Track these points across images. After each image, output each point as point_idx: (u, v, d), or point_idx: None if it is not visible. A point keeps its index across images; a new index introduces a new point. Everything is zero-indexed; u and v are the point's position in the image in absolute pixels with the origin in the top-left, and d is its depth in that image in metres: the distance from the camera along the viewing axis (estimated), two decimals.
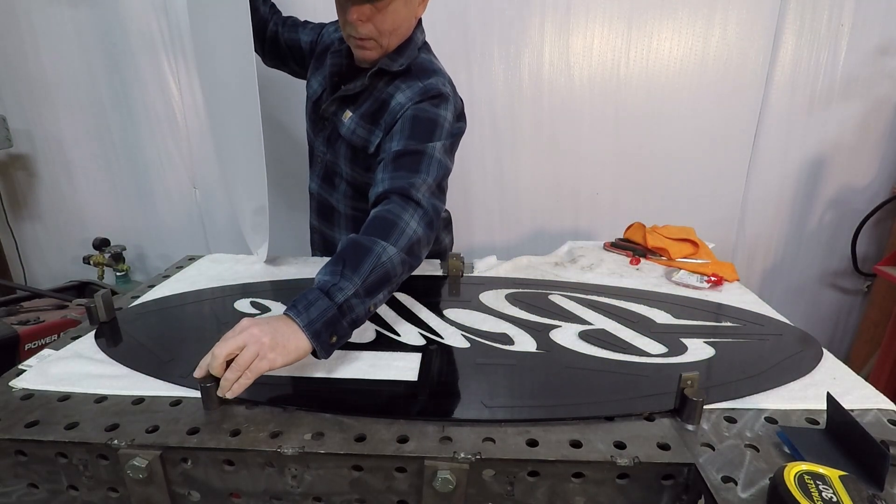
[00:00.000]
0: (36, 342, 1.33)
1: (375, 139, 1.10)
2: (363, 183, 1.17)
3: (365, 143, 1.11)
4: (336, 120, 1.16)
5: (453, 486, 0.61)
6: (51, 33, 1.83)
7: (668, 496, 0.64)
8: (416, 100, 1.05)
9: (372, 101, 1.11)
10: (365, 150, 1.12)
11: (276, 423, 0.68)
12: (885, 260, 1.85)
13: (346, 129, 1.13)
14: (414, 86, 1.08)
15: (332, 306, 0.77)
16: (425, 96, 1.06)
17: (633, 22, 1.77)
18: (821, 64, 1.81)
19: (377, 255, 0.83)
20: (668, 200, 1.98)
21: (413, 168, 0.97)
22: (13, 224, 2.10)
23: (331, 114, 1.18)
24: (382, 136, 1.08)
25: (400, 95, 1.07)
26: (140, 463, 0.63)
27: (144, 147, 1.97)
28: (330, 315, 0.77)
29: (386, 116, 1.08)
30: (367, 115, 1.11)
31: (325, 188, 1.28)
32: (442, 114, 1.05)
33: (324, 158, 1.24)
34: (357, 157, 1.16)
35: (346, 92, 1.13)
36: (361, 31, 1.02)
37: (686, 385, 0.69)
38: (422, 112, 1.04)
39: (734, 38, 1.78)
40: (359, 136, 1.12)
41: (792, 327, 0.98)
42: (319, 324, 0.76)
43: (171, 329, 0.99)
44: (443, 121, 1.05)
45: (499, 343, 0.91)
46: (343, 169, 1.19)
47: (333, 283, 0.79)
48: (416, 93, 1.06)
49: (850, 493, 0.50)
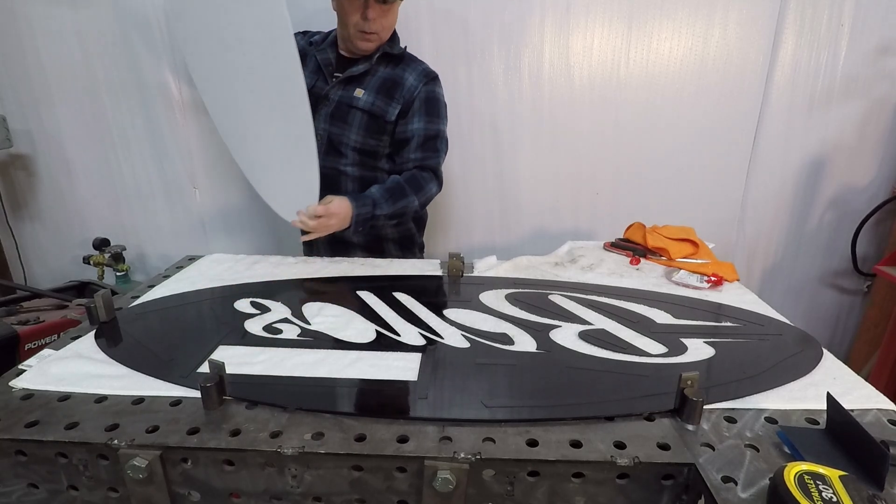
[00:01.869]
0: (36, 342, 1.33)
1: (393, 110, 1.40)
2: (373, 147, 1.44)
3: (383, 112, 1.40)
4: (345, 97, 1.41)
5: (453, 486, 0.61)
6: (51, 33, 1.83)
7: (668, 496, 0.64)
8: (424, 81, 1.41)
9: (378, 79, 1.41)
10: (383, 118, 1.40)
11: (276, 423, 0.68)
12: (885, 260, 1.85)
13: (365, 102, 1.40)
14: (416, 68, 1.43)
15: (370, 214, 1.29)
16: (428, 77, 1.42)
17: (633, 22, 1.77)
18: (821, 64, 1.81)
19: (409, 201, 1.35)
20: (668, 200, 1.97)
21: (435, 149, 1.42)
22: (13, 224, 2.10)
23: (336, 93, 1.42)
24: (399, 109, 1.40)
25: (409, 77, 1.41)
26: (140, 463, 0.63)
27: (144, 147, 1.97)
28: (366, 217, 1.29)
29: (403, 93, 1.40)
30: (381, 90, 1.41)
31: (329, 160, 1.44)
32: (440, 92, 1.46)
33: (325, 135, 1.43)
34: (373, 125, 1.42)
35: (351, 73, 1.40)
36: (373, 26, 1.32)
37: (686, 385, 0.69)
38: (430, 94, 1.42)
39: (734, 38, 1.78)
40: (378, 106, 1.40)
41: (792, 327, 0.98)
42: (360, 218, 1.28)
43: (171, 329, 0.99)
44: (442, 98, 1.46)
45: (499, 343, 0.91)
46: (352, 138, 1.43)
47: (379, 203, 1.30)
48: (421, 74, 1.42)
49: (850, 493, 0.50)
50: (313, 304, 1.07)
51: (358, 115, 1.41)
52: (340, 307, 1.05)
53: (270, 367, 0.82)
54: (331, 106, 1.42)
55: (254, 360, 0.84)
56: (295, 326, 0.97)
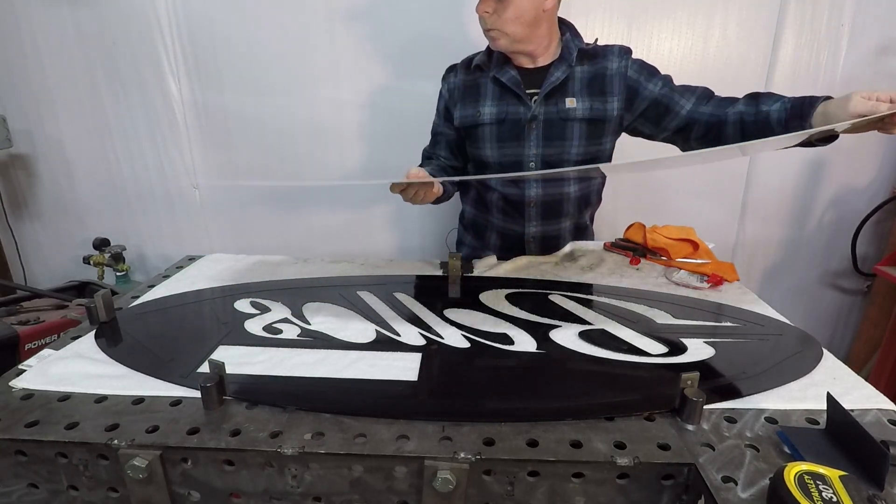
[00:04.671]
0: (36, 342, 1.33)
1: (612, 108, 1.27)
2: (592, 155, 1.32)
3: (603, 113, 1.27)
4: (555, 112, 1.27)
5: (453, 486, 0.61)
6: (51, 34, 1.83)
7: (668, 496, 0.64)
8: (624, 58, 1.27)
9: (583, 80, 1.27)
10: (603, 120, 1.28)
11: (276, 423, 0.68)
12: (885, 260, 1.85)
13: (582, 110, 1.26)
14: (612, 51, 1.28)
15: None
16: (621, 52, 1.28)
17: (633, 22, 1.77)
18: (821, 64, 1.81)
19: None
20: (669, 200, 1.97)
21: (684, 87, 1.26)
22: (13, 224, 2.10)
23: (540, 111, 1.28)
24: (618, 98, 1.27)
25: (609, 63, 1.27)
26: (140, 463, 0.63)
27: (144, 147, 1.97)
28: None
29: (615, 83, 1.26)
30: (592, 92, 1.27)
31: (550, 186, 1.35)
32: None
33: (539, 160, 1.32)
34: (593, 131, 1.29)
35: (553, 84, 1.26)
36: (489, 21, 1.19)
37: (686, 385, 0.69)
38: (634, 62, 1.28)
39: (734, 38, 1.78)
40: (597, 109, 1.27)
41: (792, 327, 0.98)
42: None
43: (171, 329, 0.99)
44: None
45: (499, 343, 0.91)
46: (573, 152, 1.30)
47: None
48: (618, 54, 1.27)
49: (850, 493, 0.50)
50: (313, 304, 1.07)
51: (576, 126, 1.28)
52: (340, 307, 1.05)
53: (270, 367, 0.82)
54: (539, 127, 1.28)
55: (254, 360, 0.84)
56: (295, 326, 0.97)
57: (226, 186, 2.05)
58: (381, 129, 1.95)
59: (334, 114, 1.93)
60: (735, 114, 1.16)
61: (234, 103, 1.92)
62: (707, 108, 1.21)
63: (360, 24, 1.82)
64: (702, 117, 1.22)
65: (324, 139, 1.97)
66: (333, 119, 1.94)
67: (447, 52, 1.44)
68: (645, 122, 1.31)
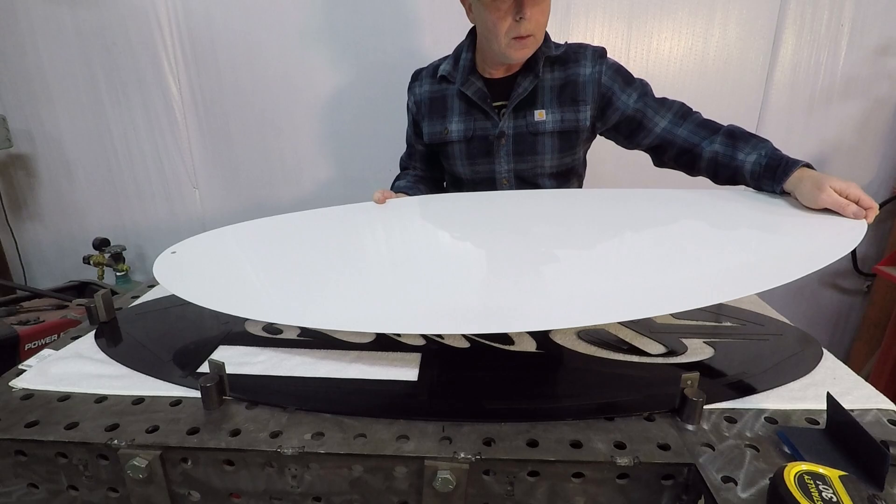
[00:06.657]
0: (36, 342, 1.33)
1: (584, 117, 1.21)
2: (568, 165, 1.28)
3: (575, 123, 1.21)
4: (524, 126, 1.22)
5: (453, 486, 0.61)
6: (51, 33, 1.83)
7: (668, 496, 0.64)
8: (596, 63, 1.19)
9: (552, 89, 1.20)
10: (576, 131, 1.22)
11: (276, 423, 0.68)
12: (885, 260, 1.84)
13: (553, 123, 1.21)
14: (584, 55, 1.20)
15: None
16: (595, 55, 1.20)
17: (633, 22, 1.77)
18: (821, 64, 1.81)
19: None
20: None
21: (662, 100, 1.22)
22: (13, 224, 2.10)
23: (509, 126, 1.23)
24: (591, 106, 1.20)
25: (582, 69, 1.19)
26: (140, 463, 0.63)
27: (144, 147, 1.98)
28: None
29: (588, 90, 1.19)
30: (563, 101, 1.20)
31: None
32: (617, 63, 1.24)
33: (511, 176, 1.28)
34: (566, 142, 1.24)
35: (520, 96, 1.20)
36: (529, 27, 1.09)
37: (686, 385, 0.69)
38: (609, 66, 1.20)
39: (734, 38, 1.78)
40: (568, 120, 1.21)
41: (792, 327, 0.98)
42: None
43: (171, 329, 0.99)
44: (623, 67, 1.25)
45: (499, 343, 0.91)
46: (547, 165, 1.26)
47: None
48: (589, 57, 1.20)
49: (850, 493, 0.50)
50: None
51: (547, 139, 1.23)
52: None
53: (270, 367, 0.82)
54: (509, 143, 1.24)
55: (254, 360, 0.84)
56: (295, 326, 0.97)
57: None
58: (382, 129, 1.95)
59: (334, 114, 1.94)
60: (710, 152, 1.15)
61: (234, 103, 1.92)
62: (682, 132, 1.19)
63: (360, 23, 1.82)
64: (676, 139, 1.19)
65: (324, 139, 1.97)
66: (334, 119, 1.94)
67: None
68: (617, 135, 1.28)
